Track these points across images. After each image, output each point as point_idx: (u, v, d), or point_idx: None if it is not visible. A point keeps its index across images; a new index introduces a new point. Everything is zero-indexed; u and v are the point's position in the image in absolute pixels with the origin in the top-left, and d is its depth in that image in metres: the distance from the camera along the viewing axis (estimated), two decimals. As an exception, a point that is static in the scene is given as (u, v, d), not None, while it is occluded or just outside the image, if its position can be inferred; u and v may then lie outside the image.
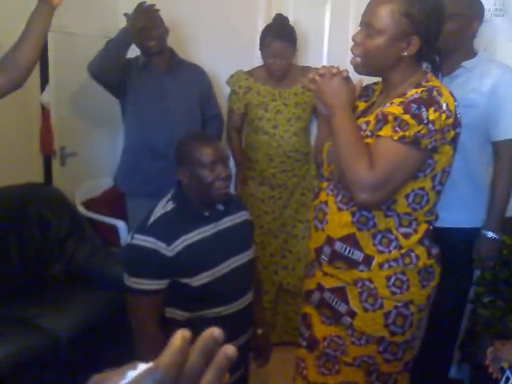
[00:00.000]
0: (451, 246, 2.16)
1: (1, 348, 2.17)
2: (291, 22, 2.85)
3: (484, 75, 2.20)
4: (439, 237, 1.66)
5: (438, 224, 1.64)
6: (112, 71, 2.70)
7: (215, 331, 0.48)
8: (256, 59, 2.87)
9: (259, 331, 2.05)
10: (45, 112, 3.02)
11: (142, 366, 0.46)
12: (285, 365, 2.25)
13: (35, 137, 3.03)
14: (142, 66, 2.83)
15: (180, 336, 0.47)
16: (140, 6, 2.73)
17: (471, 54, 2.26)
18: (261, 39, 2.79)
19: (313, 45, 3.08)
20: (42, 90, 3.00)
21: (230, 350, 0.47)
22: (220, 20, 3.22)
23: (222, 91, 3.11)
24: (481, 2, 2.24)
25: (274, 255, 3.00)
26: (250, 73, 2.91)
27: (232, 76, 2.93)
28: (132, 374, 0.45)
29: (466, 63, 2.22)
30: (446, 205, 1.69)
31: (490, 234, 2.24)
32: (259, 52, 2.83)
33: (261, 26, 2.92)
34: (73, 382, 2.31)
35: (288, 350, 2.78)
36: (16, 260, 2.70)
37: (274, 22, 2.82)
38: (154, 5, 2.77)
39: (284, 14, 2.86)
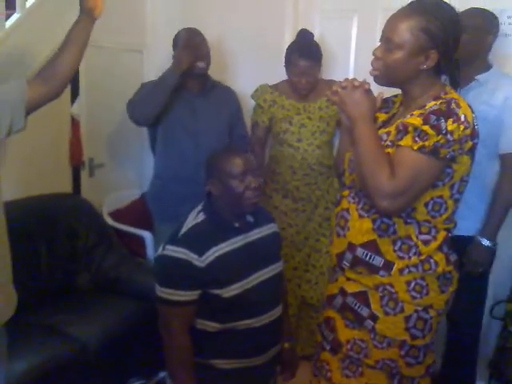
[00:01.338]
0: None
1: (29, 356, 2.29)
2: (318, 36, 2.98)
3: (496, 89, 2.33)
4: (457, 245, 1.80)
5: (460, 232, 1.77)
6: (157, 114, 2.82)
7: None
8: (282, 73, 2.99)
9: (286, 345, 2.14)
10: (74, 123, 3.22)
11: None
12: (308, 378, 2.35)
13: (65, 148, 3.22)
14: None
15: None
16: (187, 43, 2.84)
17: (485, 67, 2.39)
18: (286, 57, 2.92)
19: (339, 58, 3.20)
20: (73, 101, 3.20)
21: None
22: (246, 34, 3.38)
23: (249, 107, 3.23)
24: (496, 17, 2.38)
25: (297, 269, 3.10)
26: (275, 87, 3.05)
27: (257, 90, 3.08)
28: None
29: (479, 76, 2.35)
30: (464, 214, 1.81)
31: (485, 242, 2.36)
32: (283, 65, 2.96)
33: (287, 39, 3.04)
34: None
35: (312, 364, 2.87)
36: (45, 268, 2.85)
37: (298, 40, 2.94)
38: (196, 30, 2.94)
39: (311, 28, 2.99)
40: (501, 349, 2.69)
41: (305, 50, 2.86)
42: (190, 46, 2.86)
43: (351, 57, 3.20)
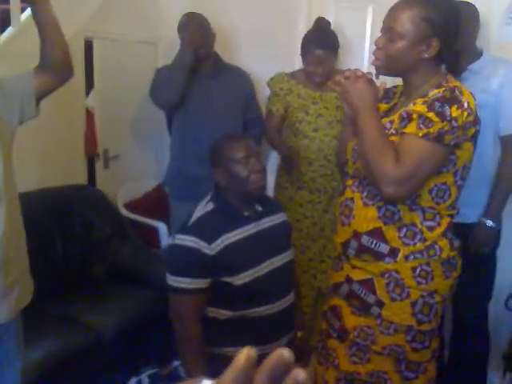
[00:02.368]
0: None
1: (45, 345, 2.40)
2: (332, 25, 3.01)
3: (491, 75, 2.39)
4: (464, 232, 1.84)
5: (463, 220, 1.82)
6: (180, 96, 2.95)
7: (285, 353, 0.46)
8: (296, 61, 3.04)
9: (299, 334, 2.20)
10: (89, 115, 3.32)
11: (206, 383, 0.47)
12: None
13: (80, 140, 3.32)
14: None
15: (244, 355, 0.46)
16: (194, 25, 2.97)
17: (475, 56, 2.44)
18: (302, 46, 2.96)
19: (355, 47, 3.25)
20: (87, 94, 3.30)
21: (300, 375, 0.46)
22: (260, 22, 3.44)
23: (261, 94, 3.30)
24: (474, 5, 2.43)
25: (312, 260, 3.14)
26: (292, 75, 3.09)
27: (273, 78, 3.11)
28: None
29: (471, 66, 2.40)
30: (466, 201, 1.87)
31: (490, 223, 2.43)
32: (299, 54, 3.00)
33: (301, 28, 3.09)
34: (115, 379, 2.54)
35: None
36: (61, 259, 2.96)
37: (315, 29, 2.98)
38: (200, 14, 3.04)
39: (325, 17, 3.02)
40: (515, 340, 2.71)
41: (320, 40, 2.90)
42: (197, 26, 2.99)
43: (366, 46, 3.23)
